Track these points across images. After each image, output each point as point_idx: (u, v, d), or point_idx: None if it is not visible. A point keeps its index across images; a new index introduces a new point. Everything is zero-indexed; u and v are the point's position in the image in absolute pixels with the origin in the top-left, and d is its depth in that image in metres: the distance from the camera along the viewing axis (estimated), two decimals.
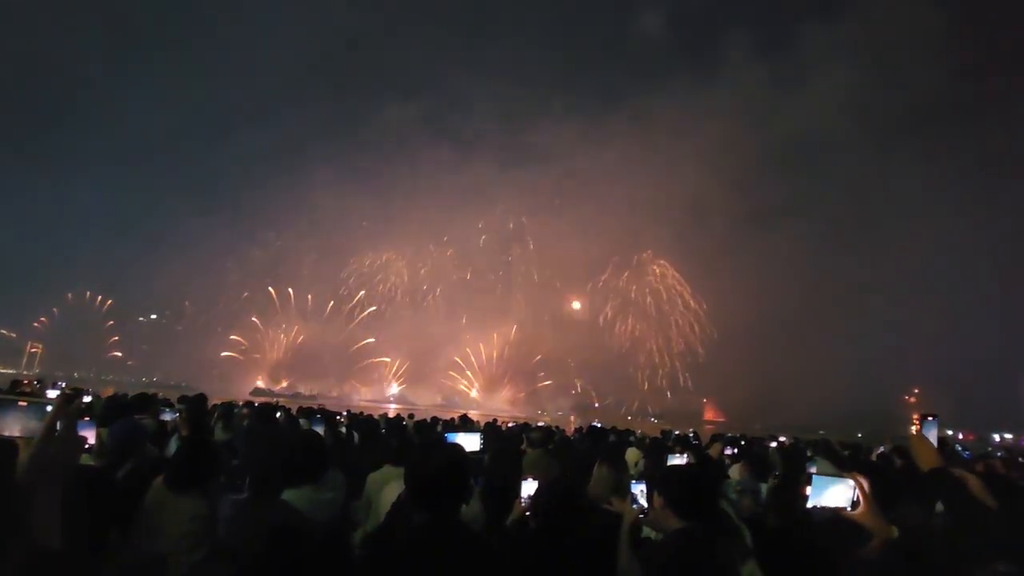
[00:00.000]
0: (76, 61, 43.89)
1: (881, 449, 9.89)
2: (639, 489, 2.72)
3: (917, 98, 37.58)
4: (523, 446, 6.75)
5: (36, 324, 42.00)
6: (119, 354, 44.55)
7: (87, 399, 7.07)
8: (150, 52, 45.74)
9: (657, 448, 7.07)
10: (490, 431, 9.99)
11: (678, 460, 4.84)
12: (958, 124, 38.57)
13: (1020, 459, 9.52)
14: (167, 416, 5.79)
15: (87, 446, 2.98)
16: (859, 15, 40.56)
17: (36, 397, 1.27)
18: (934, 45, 36.43)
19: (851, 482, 1.87)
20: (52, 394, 7.21)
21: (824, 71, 40.97)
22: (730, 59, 43.45)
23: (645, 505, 2.66)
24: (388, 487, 3.30)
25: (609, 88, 47.33)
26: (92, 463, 3.11)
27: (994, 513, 1.97)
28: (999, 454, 11.93)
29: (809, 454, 8.71)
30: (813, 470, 6.94)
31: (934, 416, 2.19)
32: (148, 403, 5.99)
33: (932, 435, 2.14)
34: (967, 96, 38.09)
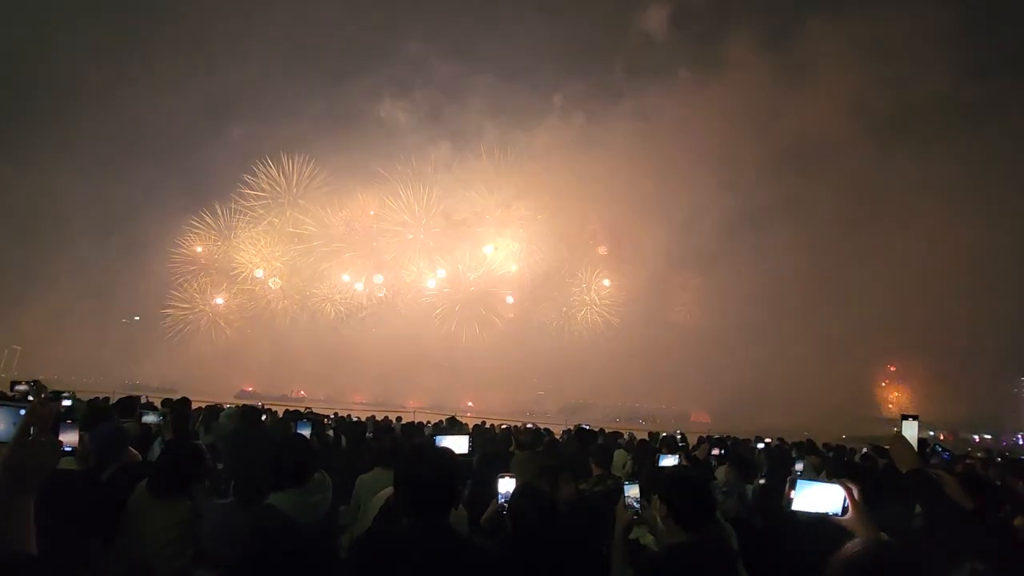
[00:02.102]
0: (62, 54, 42.54)
1: (865, 450, 10.06)
2: (632, 491, 2.70)
3: (925, 98, 37.76)
4: (511, 448, 6.76)
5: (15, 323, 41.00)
6: (102, 355, 43.62)
7: (67, 402, 6.93)
8: (136, 46, 44.57)
9: (645, 451, 7.11)
10: (479, 434, 9.97)
11: (669, 461, 4.86)
12: (963, 125, 38.78)
13: (999, 459, 9.73)
14: (151, 419, 5.70)
15: (68, 449, 2.94)
16: (865, 13, 40.64)
17: (9, 401, 1.25)
18: (942, 43, 36.72)
19: (835, 486, 1.89)
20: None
21: (828, 69, 41.11)
22: (731, 56, 43.25)
23: (637, 506, 2.64)
24: (382, 490, 3.28)
25: (606, 84, 46.69)
26: (74, 467, 3.07)
27: (970, 513, 2.02)
28: (979, 454, 12.19)
29: (794, 455, 8.85)
30: (799, 467, 7.07)
31: (915, 417, 2.23)
32: (131, 406, 5.90)
33: (912, 436, 2.18)
34: (974, 96, 38.34)
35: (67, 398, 7.11)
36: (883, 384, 44.69)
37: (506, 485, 2.88)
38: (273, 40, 47.96)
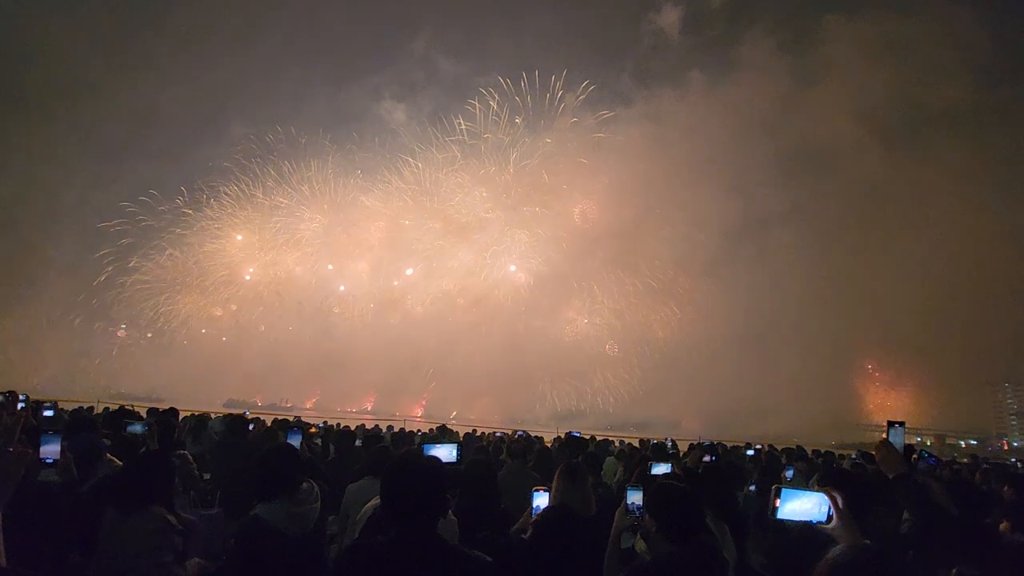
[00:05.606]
0: (51, 50, 41.41)
1: (854, 456, 10.15)
2: (635, 497, 2.72)
3: (934, 105, 38.02)
4: (503, 456, 6.73)
5: None
6: (88, 364, 42.82)
7: (49, 412, 6.77)
8: (132, 43, 43.69)
9: (636, 458, 7.10)
10: (469, 442, 9.92)
11: (661, 469, 4.85)
12: (967, 134, 38.83)
13: (985, 465, 9.86)
14: (136, 429, 5.59)
15: (49, 461, 2.87)
16: (878, 17, 40.86)
17: None
18: (955, 49, 37.06)
19: (820, 494, 1.91)
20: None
21: (839, 74, 41.32)
22: (742, 60, 43.21)
23: (639, 513, 2.66)
24: (370, 500, 3.26)
25: (613, 86, 46.14)
26: (54, 479, 3.00)
27: (957, 518, 2.04)
28: (964, 460, 12.34)
29: (784, 462, 8.90)
30: (789, 474, 7.11)
31: (901, 423, 2.25)
32: (117, 418, 5.81)
33: (899, 442, 2.20)
34: (977, 105, 38.58)
35: (48, 409, 6.95)
36: (872, 391, 45.13)
37: (540, 498, 3.08)
38: (274, 40, 47.57)
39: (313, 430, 9.25)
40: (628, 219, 43.13)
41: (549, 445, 8.58)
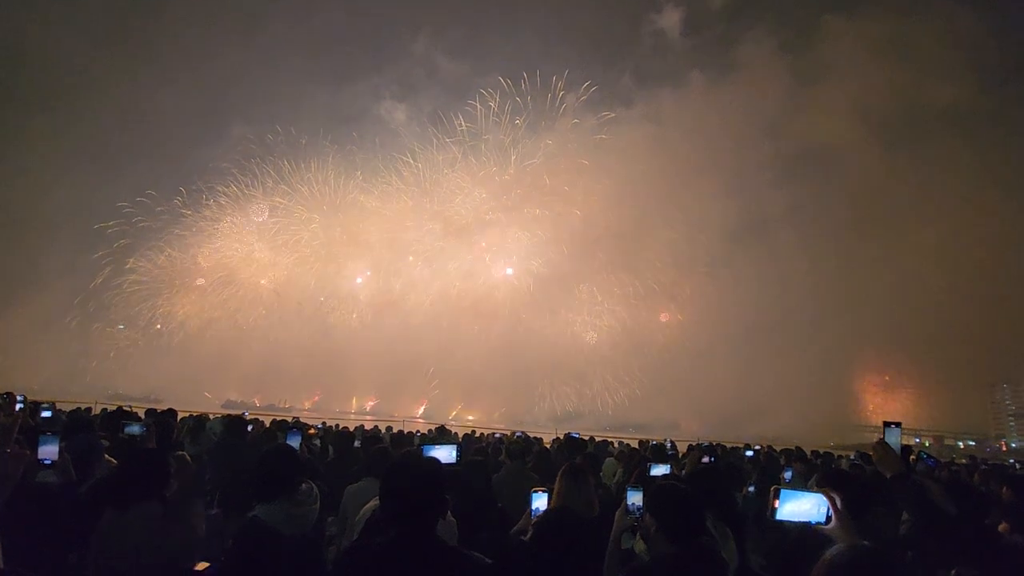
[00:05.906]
0: (51, 52, 41.17)
1: (852, 457, 10.16)
2: (635, 498, 2.73)
3: (934, 107, 38.04)
4: (502, 457, 6.71)
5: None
6: (86, 365, 42.66)
7: (47, 413, 6.75)
8: (134, 45, 43.61)
9: (635, 460, 7.09)
10: (468, 443, 9.93)
11: (660, 470, 4.83)
12: (968, 137, 38.74)
13: (983, 466, 9.87)
14: (135, 430, 5.58)
15: (48, 462, 2.86)
16: (877, 15, 40.95)
17: None
18: (954, 50, 37.14)
19: (819, 496, 1.92)
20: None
21: (840, 73, 41.39)
22: (740, 59, 43.34)
23: (638, 514, 2.67)
24: (370, 501, 3.26)
25: (614, 87, 45.96)
26: (51, 480, 2.99)
27: (955, 519, 2.05)
28: (963, 461, 12.35)
29: (782, 462, 8.91)
30: (788, 475, 7.12)
31: (897, 424, 2.26)
32: (115, 419, 5.79)
33: (895, 442, 2.20)
34: (976, 107, 38.58)
35: (46, 409, 6.92)
36: (870, 392, 45.13)
37: (539, 499, 3.07)
38: (274, 40, 47.58)
39: (312, 431, 9.23)
40: (629, 220, 43.15)
41: (548, 446, 8.58)
